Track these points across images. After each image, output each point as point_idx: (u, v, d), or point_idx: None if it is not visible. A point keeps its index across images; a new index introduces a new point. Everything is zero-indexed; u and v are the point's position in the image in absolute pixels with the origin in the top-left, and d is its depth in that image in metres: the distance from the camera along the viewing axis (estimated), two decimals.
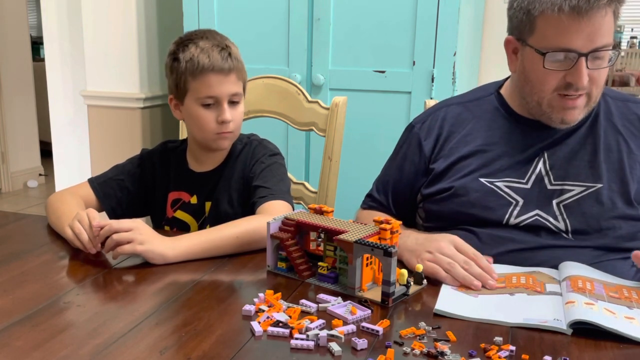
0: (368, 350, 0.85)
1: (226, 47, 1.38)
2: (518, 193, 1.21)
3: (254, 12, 2.48)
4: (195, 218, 1.47)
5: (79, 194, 1.42)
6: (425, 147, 1.32)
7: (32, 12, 6.11)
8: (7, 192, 4.60)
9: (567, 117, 1.19)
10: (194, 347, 0.84)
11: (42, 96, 3.77)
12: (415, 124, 1.37)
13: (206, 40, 1.37)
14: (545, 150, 1.23)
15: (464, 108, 1.33)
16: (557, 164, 1.22)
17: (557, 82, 1.16)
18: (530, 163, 1.23)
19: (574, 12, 1.09)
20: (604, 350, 0.86)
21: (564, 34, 1.12)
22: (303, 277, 1.09)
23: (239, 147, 1.47)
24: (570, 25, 1.11)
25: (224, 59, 1.36)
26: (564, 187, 1.20)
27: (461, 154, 1.27)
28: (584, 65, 1.12)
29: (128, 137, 2.96)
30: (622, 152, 1.21)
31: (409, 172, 1.35)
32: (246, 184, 1.42)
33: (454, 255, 1.09)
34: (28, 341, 0.86)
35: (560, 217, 1.19)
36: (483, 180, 1.24)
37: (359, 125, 2.32)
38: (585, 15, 1.09)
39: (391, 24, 2.29)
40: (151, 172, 1.50)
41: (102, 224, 1.16)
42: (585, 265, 1.12)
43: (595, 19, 1.09)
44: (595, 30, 1.10)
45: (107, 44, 2.92)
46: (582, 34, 1.11)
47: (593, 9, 1.08)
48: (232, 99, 1.38)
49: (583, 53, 1.12)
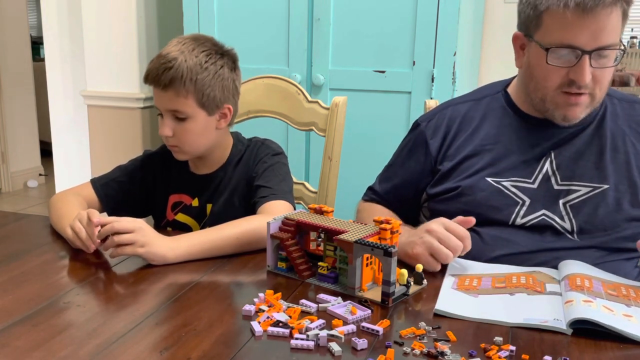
0: (368, 350, 0.85)
1: (173, 59, 1.30)
2: (525, 193, 1.21)
3: (254, 13, 2.48)
4: (197, 221, 1.46)
5: (82, 194, 1.42)
6: (432, 147, 1.32)
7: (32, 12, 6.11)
8: (7, 192, 4.60)
9: (569, 114, 1.18)
10: (194, 347, 0.84)
11: (42, 96, 3.76)
12: (421, 122, 1.37)
13: (172, 46, 1.33)
14: (551, 150, 1.23)
15: (471, 107, 1.33)
16: (563, 164, 1.22)
17: (560, 79, 1.16)
18: (537, 163, 1.23)
19: (579, 8, 1.09)
20: (604, 350, 0.86)
21: (568, 30, 1.12)
22: (303, 277, 1.09)
23: (240, 149, 1.46)
24: (575, 22, 1.10)
25: (161, 73, 1.30)
26: (570, 187, 1.20)
27: (467, 153, 1.27)
28: (587, 62, 1.12)
29: (128, 137, 2.96)
30: (630, 153, 1.21)
31: (414, 170, 1.34)
32: (249, 185, 1.41)
33: (438, 230, 1.11)
34: (28, 341, 0.86)
35: (567, 217, 1.19)
36: (490, 180, 1.23)
37: (359, 125, 2.32)
38: (590, 12, 1.09)
39: (391, 24, 2.29)
40: (152, 173, 1.49)
41: (102, 221, 1.16)
42: (584, 263, 1.12)
43: (600, 17, 1.09)
44: (600, 28, 1.10)
45: (107, 44, 2.92)
46: (586, 31, 1.11)
47: (598, 6, 1.08)
48: (175, 114, 1.33)
49: (587, 50, 1.11)
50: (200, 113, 1.34)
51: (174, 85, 1.30)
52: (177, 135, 1.35)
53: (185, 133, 1.35)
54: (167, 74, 1.29)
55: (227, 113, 1.40)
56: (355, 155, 2.32)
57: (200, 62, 1.32)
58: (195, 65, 1.31)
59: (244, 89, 1.61)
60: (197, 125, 1.35)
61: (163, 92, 1.32)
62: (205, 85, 1.32)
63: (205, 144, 1.40)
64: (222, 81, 1.35)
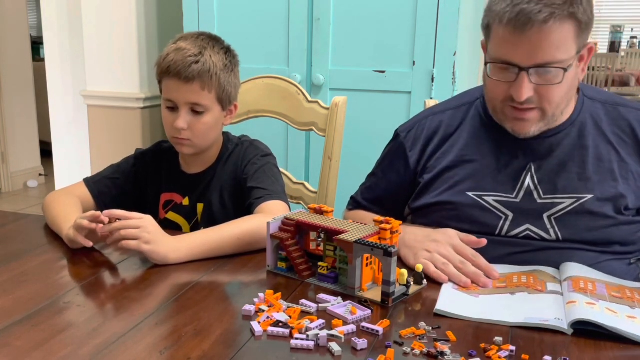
0: (368, 350, 0.85)
1: (199, 54, 1.33)
2: (508, 207, 1.19)
3: (254, 12, 2.48)
4: (187, 220, 1.47)
5: (75, 193, 1.43)
6: (411, 159, 1.30)
7: (32, 12, 6.11)
8: (7, 192, 4.60)
9: (517, 128, 1.17)
10: (194, 347, 0.84)
11: (42, 96, 3.76)
12: (400, 132, 1.35)
13: (190, 42, 1.35)
14: (531, 162, 1.20)
15: (449, 116, 1.30)
16: (545, 178, 1.18)
17: (504, 93, 1.14)
18: (518, 176, 1.20)
19: (510, 25, 1.07)
20: (604, 350, 0.86)
21: (504, 47, 1.10)
22: (303, 277, 1.09)
23: (230, 148, 1.47)
24: (510, 39, 1.09)
25: (187, 66, 1.31)
26: (554, 200, 1.17)
27: (447, 165, 1.25)
28: (525, 79, 1.09)
29: (128, 137, 2.96)
30: (613, 161, 1.17)
31: (395, 182, 1.34)
32: (238, 185, 1.42)
33: (450, 255, 1.10)
34: (28, 341, 0.86)
35: (552, 230, 1.17)
36: (472, 195, 1.21)
37: (359, 125, 2.32)
38: (524, 29, 1.06)
39: (391, 24, 2.29)
40: (144, 171, 1.50)
41: (112, 213, 1.17)
42: (587, 267, 1.12)
43: (536, 35, 1.06)
44: (536, 45, 1.07)
45: (107, 44, 2.92)
46: (521, 48, 1.08)
47: (533, 23, 1.05)
48: (194, 108, 1.35)
49: (523, 67, 1.09)
50: (217, 107, 1.38)
51: (202, 79, 1.33)
52: (191, 128, 1.36)
53: (201, 126, 1.37)
54: (194, 67, 1.32)
55: (233, 110, 1.45)
56: (355, 155, 2.32)
57: (222, 58, 1.37)
58: (219, 61, 1.35)
59: (244, 89, 1.62)
60: (212, 120, 1.38)
61: (185, 84, 1.33)
62: (226, 81, 1.37)
63: (213, 138, 1.43)
64: (235, 79, 1.41)
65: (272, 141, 1.61)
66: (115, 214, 1.17)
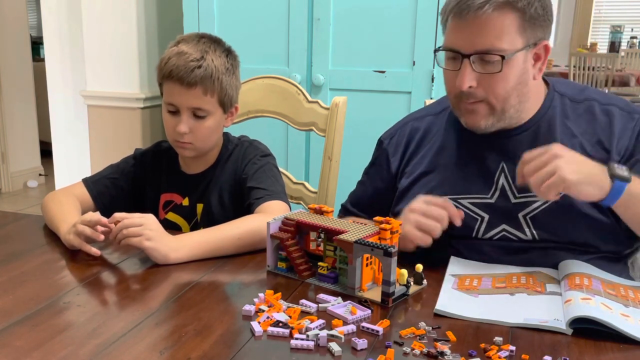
0: (368, 350, 0.85)
1: (201, 59, 1.32)
2: (483, 209, 1.20)
3: (254, 12, 2.48)
4: (187, 220, 1.47)
5: (74, 193, 1.43)
6: (393, 165, 1.32)
7: (32, 12, 6.11)
8: (7, 192, 4.60)
9: (469, 121, 1.19)
10: (194, 347, 0.84)
11: (42, 96, 3.76)
12: (384, 139, 1.37)
13: (191, 45, 1.34)
14: (503, 162, 1.20)
15: (429, 121, 1.32)
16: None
17: (454, 84, 1.16)
18: (492, 177, 1.20)
19: (453, 13, 1.13)
20: (604, 350, 0.86)
21: (451, 34, 1.15)
22: (303, 277, 1.09)
23: (229, 149, 1.47)
24: (454, 26, 1.14)
25: (189, 71, 1.30)
26: (527, 199, 1.17)
27: (423, 169, 1.27)
28: (467, 67, 1.13)
29: (128, 137, 2.96)
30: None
31: (380, 188, 1.35)
32: (238, 185, 1.42)
33: (422, 207, 1.12)
34: (28, 341, 0.86)
35: (528, 230, 1.17)
36: (447, 199, 1.20)
37: (359, 125, 2.32)
38: (466, 16, 1.10)
39: (391, 24, 2.29)
40: (144, 172, 1.50)
41: (117, 217, 1.17)
42: (585, 263, 1.12)
43: (474, 20, 1.10)
44: (475, 32, 1.11)
45: (107, 44, 2.92)
46: (463, 35, 1.12)
47: (470, 9, 1.09)
48: (196, 112, 1.35)
49: (464, 54, 1.12)
50: (219, 111, 1.38)
51: (204, 84, 1.32)
52: (193, 132, 1.36)
53: (203, 130, 1.36)
54: (196, 73, 1.31)
55: (234, 112, 1.45)
56: (355, 155, 2.31)
57: (224, 62, 1.36)
58: (220, 65, 1.34)
59: (244, 89, 1.62)
60: (214, 123, 1.38)
61: (187, 89, 1.32)
62: (228, 84, 1.36)
63: (214, 141, 1.43)
64: (236, 81, 1.41)
65: (272, 141, 1.61)
66: (117, 217, 1.18)
